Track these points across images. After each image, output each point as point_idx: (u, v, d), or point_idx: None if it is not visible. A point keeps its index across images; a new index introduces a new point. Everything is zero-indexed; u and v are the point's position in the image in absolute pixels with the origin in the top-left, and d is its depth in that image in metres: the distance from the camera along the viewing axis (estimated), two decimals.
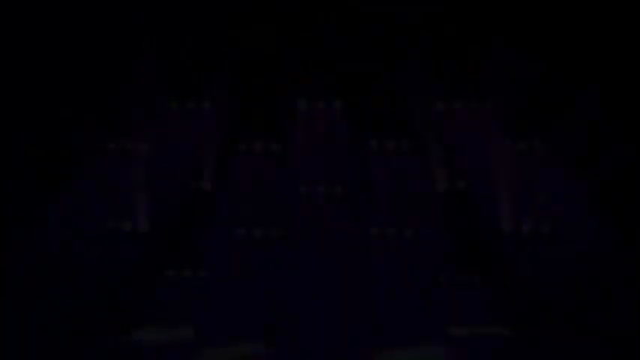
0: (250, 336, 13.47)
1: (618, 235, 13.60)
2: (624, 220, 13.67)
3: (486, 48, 14.60)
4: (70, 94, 14.65)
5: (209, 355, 12.38)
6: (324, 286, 14.11)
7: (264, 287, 14.26)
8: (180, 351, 12.54)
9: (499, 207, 14.54)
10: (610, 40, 14.32)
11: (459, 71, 14.91)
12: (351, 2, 14.86)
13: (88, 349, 12.39)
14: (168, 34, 14.88)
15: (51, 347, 12.28)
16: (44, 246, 13.82)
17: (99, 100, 14.66)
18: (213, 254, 14.56)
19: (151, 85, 14.82)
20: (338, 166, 15.03)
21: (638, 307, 12.99)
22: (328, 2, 14.91)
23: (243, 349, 12.66)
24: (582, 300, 13.49)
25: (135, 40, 14.75)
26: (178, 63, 15.01)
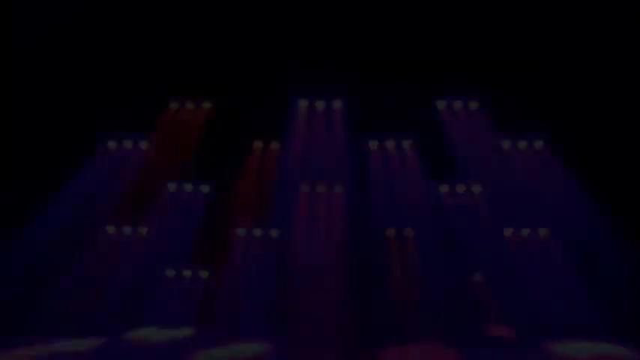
0: (250, 336, 13.47)
1: (618, 235, 13.63)
2: (624, 219, 13.70)
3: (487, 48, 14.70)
4: (70, 95, 14.71)
5: (209, 355, 12.37)
6: (323, 285, 14.10)
7: (265, 287, 14.29)
8: (180, 351, 12.52)
9: (498, 206, 14.57)
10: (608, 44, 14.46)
11: (460, 72, 14.98)
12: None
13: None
14: (168, 35, 14.96)
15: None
16: (44, 245, 13.84)
17: (99, 100, 14.73)
18: (213, 254, 14.59)
19: (151, 85, 14.89)
20: (338, 166, 15.08)
21: (638, 304, 13.02)
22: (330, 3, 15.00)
23: (243, 349, 12.66)
24: (582, 298, 13.51)
25: (135, 41, 14.83)
26: (179, 63, 15.07)
